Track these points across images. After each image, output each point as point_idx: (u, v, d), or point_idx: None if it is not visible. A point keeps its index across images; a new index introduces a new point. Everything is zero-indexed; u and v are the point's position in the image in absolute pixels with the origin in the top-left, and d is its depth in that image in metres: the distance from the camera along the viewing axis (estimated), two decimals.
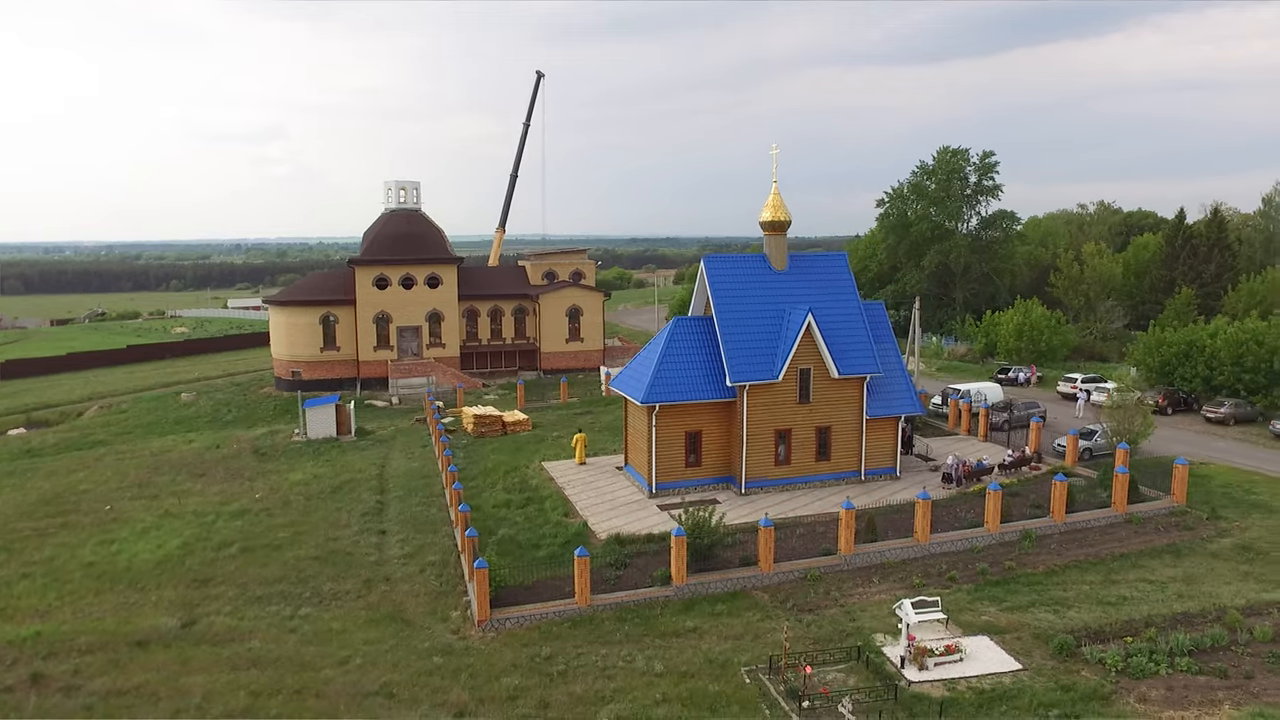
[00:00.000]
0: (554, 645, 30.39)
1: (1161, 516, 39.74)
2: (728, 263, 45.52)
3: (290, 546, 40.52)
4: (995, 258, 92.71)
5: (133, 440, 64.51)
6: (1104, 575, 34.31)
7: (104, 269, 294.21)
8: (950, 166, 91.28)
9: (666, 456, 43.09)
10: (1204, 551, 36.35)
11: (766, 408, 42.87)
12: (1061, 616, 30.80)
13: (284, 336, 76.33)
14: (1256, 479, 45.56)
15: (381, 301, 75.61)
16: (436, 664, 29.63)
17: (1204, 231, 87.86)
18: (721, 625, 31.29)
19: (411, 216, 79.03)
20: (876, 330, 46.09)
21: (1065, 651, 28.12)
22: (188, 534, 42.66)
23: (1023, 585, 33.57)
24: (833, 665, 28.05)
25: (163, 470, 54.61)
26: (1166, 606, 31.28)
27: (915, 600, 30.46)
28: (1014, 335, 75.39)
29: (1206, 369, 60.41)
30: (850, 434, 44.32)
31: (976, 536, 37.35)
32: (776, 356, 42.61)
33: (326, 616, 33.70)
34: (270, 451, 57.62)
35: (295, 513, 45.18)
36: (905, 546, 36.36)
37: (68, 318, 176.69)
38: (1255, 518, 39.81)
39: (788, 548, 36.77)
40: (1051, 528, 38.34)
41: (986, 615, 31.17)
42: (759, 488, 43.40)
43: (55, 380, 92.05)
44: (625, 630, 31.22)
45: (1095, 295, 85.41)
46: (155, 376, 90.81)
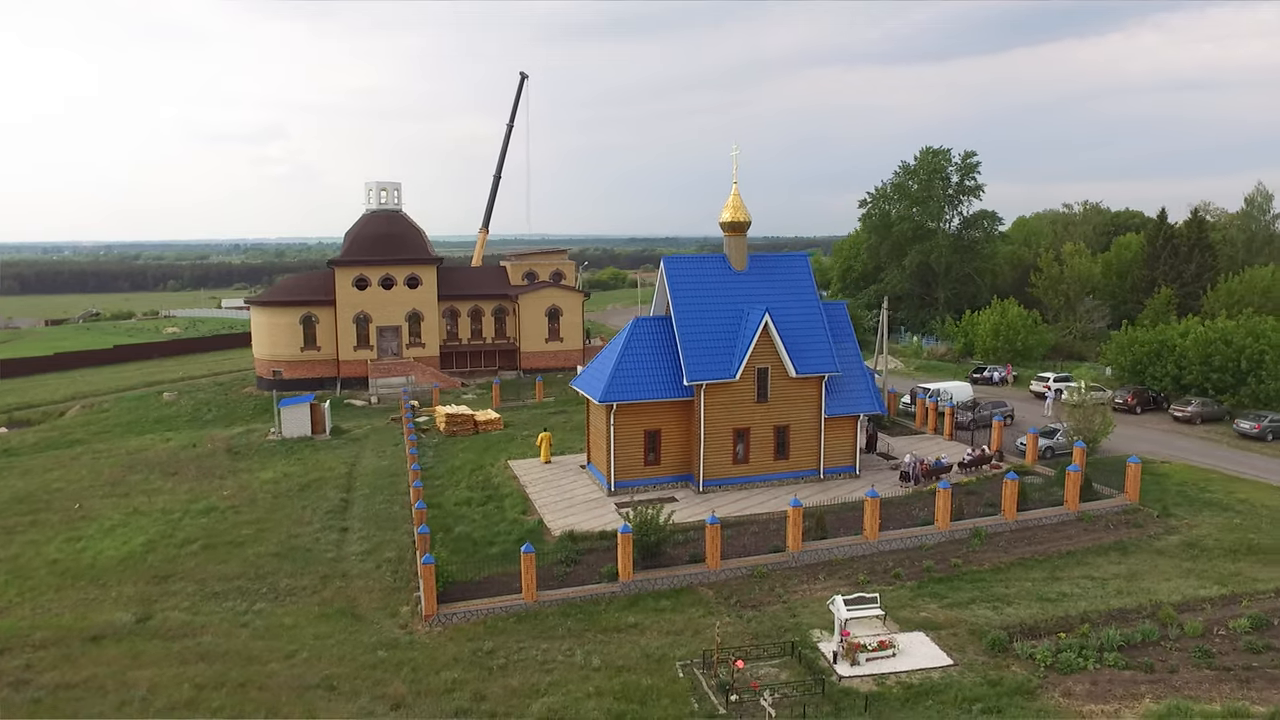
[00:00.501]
0: (498, 640, 30.85)
1: (1113, 514, 40.11)
2: (687, 263, 45.99)
3: (252, 543, 40.99)
4: (978, 257, 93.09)
5: (111, 439, 65.04)
6: (1049, 572, 34.70)
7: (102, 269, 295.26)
8: (932, 166, 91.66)
9: (625, 455, 43.53)
10: (1150, 549, 36.72)
11: (724, 406, 43.29)
12: (1000, 613, 31.19)
13: (265, 336, 76.87)
14: (1213, 477, 45.91)
15: (361, 302, 76.12)
16: (380, 658, 30.11)
17: (1185, 232, 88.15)
18: (664, 621, 31.71)
19: (392, 217, 79.52)
20: (837, 330, 46.49)
21: (997, 647, 28.51)
22: (153, 531, 43.14)
23: (966, 582, 33.96)
24: (767, 660, 28.47)
25: (137, 469, 55.11)
26: (1104, 603, 31.66)
27: (853, 597, 30.90)
28: (991, 335, 75.74)
29: (1176, 368, 60.75)
30: (809, 433, 44.72)
31: (926, 534, 37.75)
32: (734, 356, 43.03)
33: (279, 612, 34.18)
34: (244, 450, 58.12)
35: (261, 510, 45.66)
36: (854, 544, 36.76)
37: (62, 318, 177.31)
38: (1205, 515, 40.17)
39: (739, 545, 37.23)
40: (1002, 526, 38.72)
41: (926, 612, 31.57)
42: (717, 486, 43.82)
43: (41, 380, 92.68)
44: (568, 625, 31.66)
45: (1075, 295, 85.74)
46: (140, 376, 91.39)
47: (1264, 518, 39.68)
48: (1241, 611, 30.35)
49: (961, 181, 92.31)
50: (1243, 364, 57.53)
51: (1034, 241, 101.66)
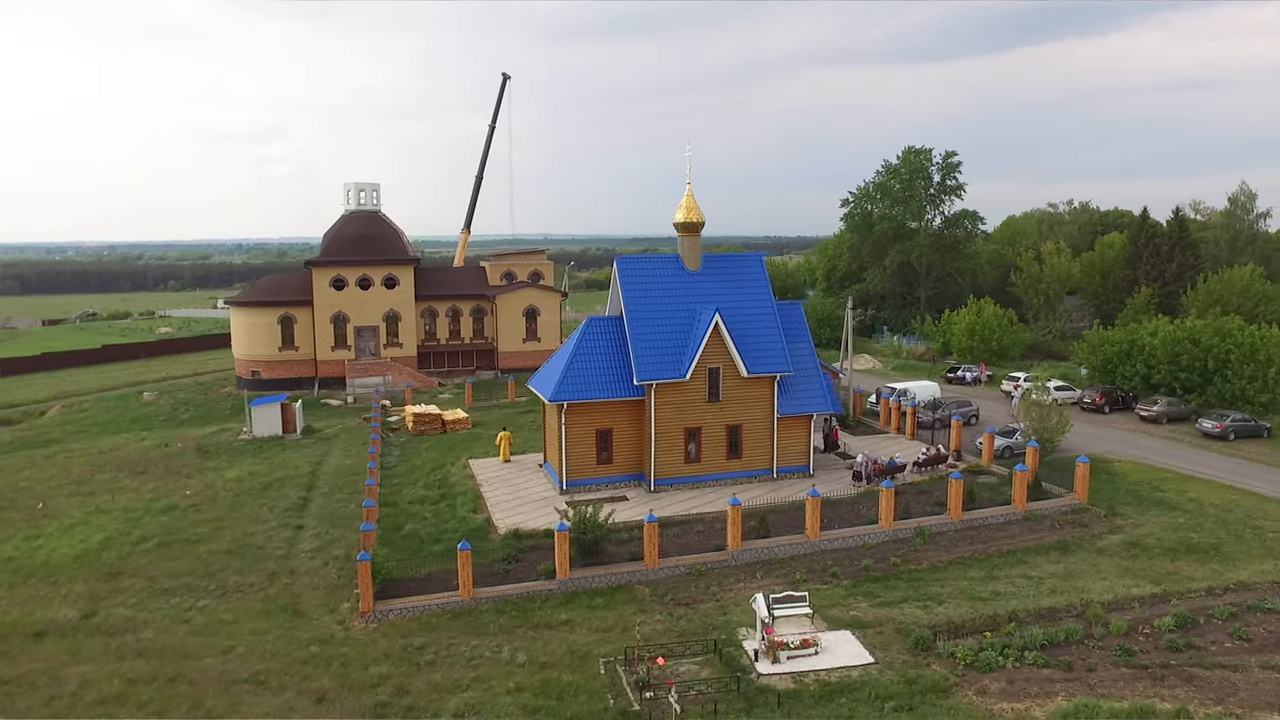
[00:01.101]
0: (430, 636, 31.15)
1: (1060, 514, 40.19)
2: (639, 263, 46.26)
3: (207, 541, 41.37)
4: (959, 257, 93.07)
5: (87, 439, 65.53)
6: (986, 571, 34.82)
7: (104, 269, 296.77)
8: (913, 166, 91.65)
9: (577, 454, 43.79)
10: (1091, 548, 36.79)
11: (675, 406, 43.50)
12: (929, 612, 31.35)
13: (244, 336, 77.35)
14: (1168, 476, 45.94)
15: (338, 302, 76.53)
16: (313, 653, 30.46)
17: (1166, 231, 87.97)
18: (595, 618, 31.97)
19: (370, 218, 79.93)
20: (791, 330, 46.66)
21: (921, 646, 28.68)
22: (112, 529, 43.54)
23: (902, 581, 34.11)
24: (690, 658, 28.71)
25: (106, 468, 55.55)
26: (1035, 602, 31.80)
27: (782, 595, 31.09)
28: (966, 334, 75.75)
29: (1145, 367, 60.71)
30: (762, 432, 44.91)
31: (870, 534, 37.90)
32: (685, 356, 43.22)
33: (223, 608, 34.55)
34: (214, 449, 58.54)
35: (221, 509, 46.05)
36: (796, 543, 36.94)
37: (60, 318, 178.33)
38: (1152, 514, 40.22)
39: (682, 544, 37.47)
40: (948, 525, 38.85)
41: (856, 610, 31.74)
42: (669, 485, 44.04)
43: (27, 380, 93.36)
44: (501, 622, 31.94)
45: (1054, 294, 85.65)
46: (125, 376, 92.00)
47: (1209, 516, 39.73)
48: (1169, 610, 30.47)
49: (943, 181, 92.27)
50: (1209, 363, 57.48)
51: (1018, 241, 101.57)
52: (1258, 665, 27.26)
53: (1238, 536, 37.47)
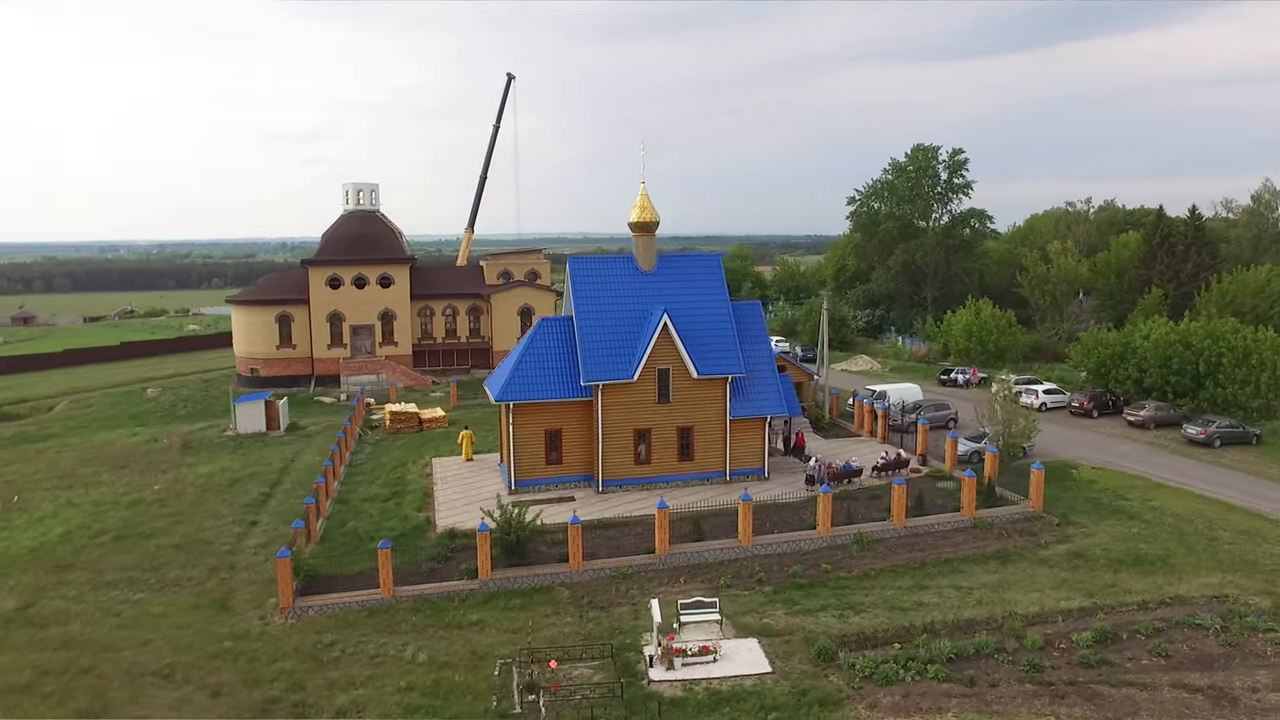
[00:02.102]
0: (342, 634, 31.28)
1: (1010, 522, 39.03)
2: (592, 263, 46.05)
3: (160, 535, 42.06)
4: (967, 256, 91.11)
5: (85, 433, 67.20)
6: (916, 580, 33.92)
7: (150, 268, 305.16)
8: (920, 164, 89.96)
9: (527, 454, 43.70)
10: (1033, 558, 35.66)
11: (624, 407, 43.16)
12: (844, 621, 30.61)
13: (244, 335, 78.79)
14: (1137, 484, 44.39)
15: (334, 301, 77.50)
16: (225, 648, 30.80)
17: (1182, 230, 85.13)
18: (507, 619, 31.81)
19: (367, 218, 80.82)
20: (749, 331, 46.04)
21: (823, 656, 28.02)
22: (75, 523, 44.49)
23: (827, 589, 33.38)
24: (586, 661, 28.42)
25: (91, 462, 56.86)
26: (956, 613, 30.87)
27: (691, 601, 30.67)
28: (964, 335, 74.10)
29: (1138, 371, 58.82)
30: (714, 434, 44.34)
31: (806, 539, 37.19)
32: (634, 356, 42.86)
33: (156, 602, 35.05)
34: (198, 445, 59.63)
35: (184, 504, 46.80)
36: (727, 547, 36.40)
37: (100, 315, 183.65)
38: (1108, 523, 38.87)
39: (616, 545, 37.18)
40: (890, 531, 37.95)
41: (770, 618, 31.12)
42: (618, 486, 43.71)
43: (47, 375, 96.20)
44: (415, 621, 31.97)
45: (1061, 295, 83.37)
46: (138, 372, 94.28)
47: (1166, 526, 38.28)
48: (1092, 625, 29.38)
49: (950, 179, 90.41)
50: (1200, 367, 55.49)
51: (1032, 240, 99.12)
52: (1169, 684, 26.13)
53: (1189, 548, 36.04)
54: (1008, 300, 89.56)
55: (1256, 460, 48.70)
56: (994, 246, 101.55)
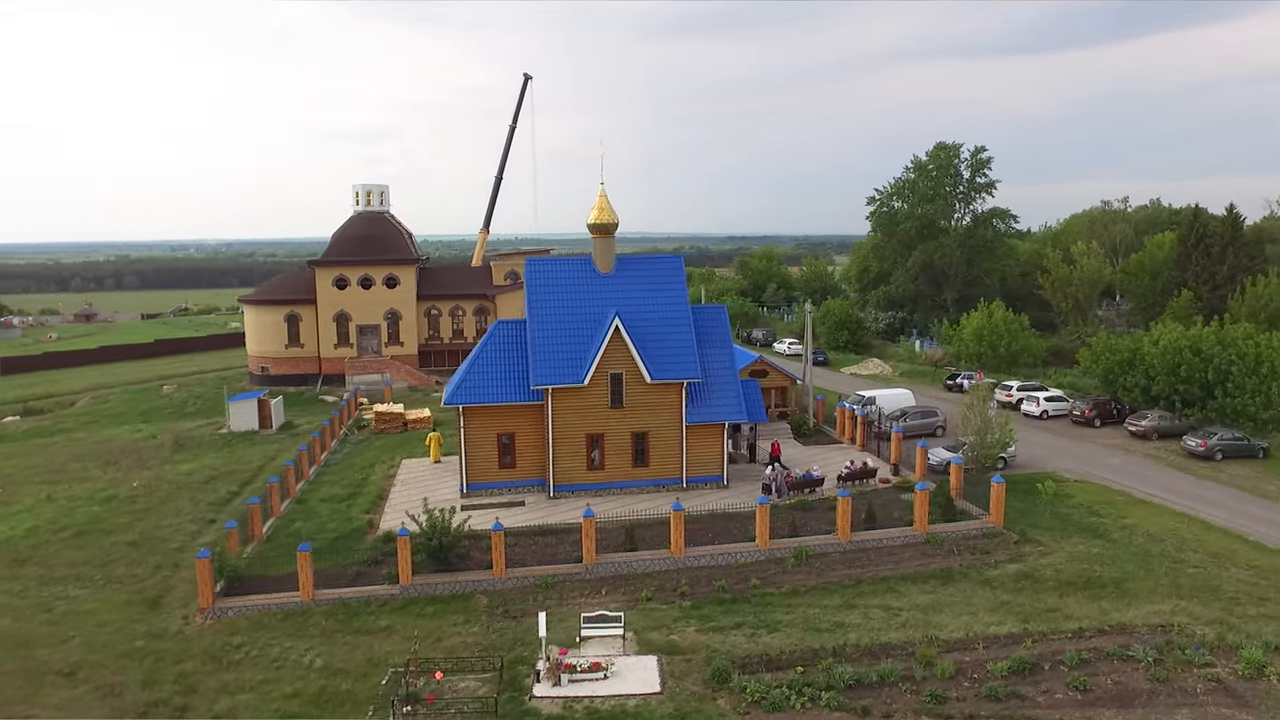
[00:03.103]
0: (253, 636, 31.18)
1: (965, 538, 37.13)
2: (548, 265, 45.30)
3: (120, 532, 42.68)
4: (990, 257, 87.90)
5: (95, 429, 69.12)
6: (847, 599, 32.41)
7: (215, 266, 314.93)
8: (941, 163, 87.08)
9: (478, 457, 43.27)
10: (977, 578, 33.79)
11: (575, 411, 42.38)
12: (754, 641, 29.34)
13: (254, 334, 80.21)
14: (1117, 500, 41.95)
15: (341, 301, 78.36)
16: (137, 647, 30.98)
17: (1219, 229, 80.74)
18: (417, 626, 31.27)
19: (375, 219, 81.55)
20: (711, 335, 44.88)
21: (718, 678, 26.80)
22: (47, 517, 45.51)
23: (749, 605, 32.07)
24: (475, 673, 27.78)
25: (85, 458, 58.30)
26: (875, 636, 29.33)
27: (595, 614, 29.91)
28: (974, 339, 71.39)
29: (1145, 378, 55.81)
30: (670, 440, 43.26)
31: (743, 552, 35.91)
32: (586, 360, 42.07)
33: (91, 599, 35.45)
34: (190, 443, 60.71)
35: (155, 500, 47.51)
36: (658, 558, 35.35)
37: (157, 312, 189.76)
38: (1071, 542, 36.69)
39: (551, 553, 36.46)
40: (834, 546, 36.43)
41: (680, 634, 29.99)
42: (570, 492, 42.96)
43: (81, 371, 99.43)
44: (326, 625, 31.70)
45: (1085, 297, 79.75)
46: (162, 370, 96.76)
47: (1131, 547, 35.97)
48: (1015, 653, 27.60)
49: (973, 178, 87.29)
50: (1210, 375, 52.34)
51: (1065, 241, 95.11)
52: None
53: (1149, 571, 33.76)
54: (1032, 303, 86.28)
55: (1258, 475, 45.63)
56: (1026, 248, 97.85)
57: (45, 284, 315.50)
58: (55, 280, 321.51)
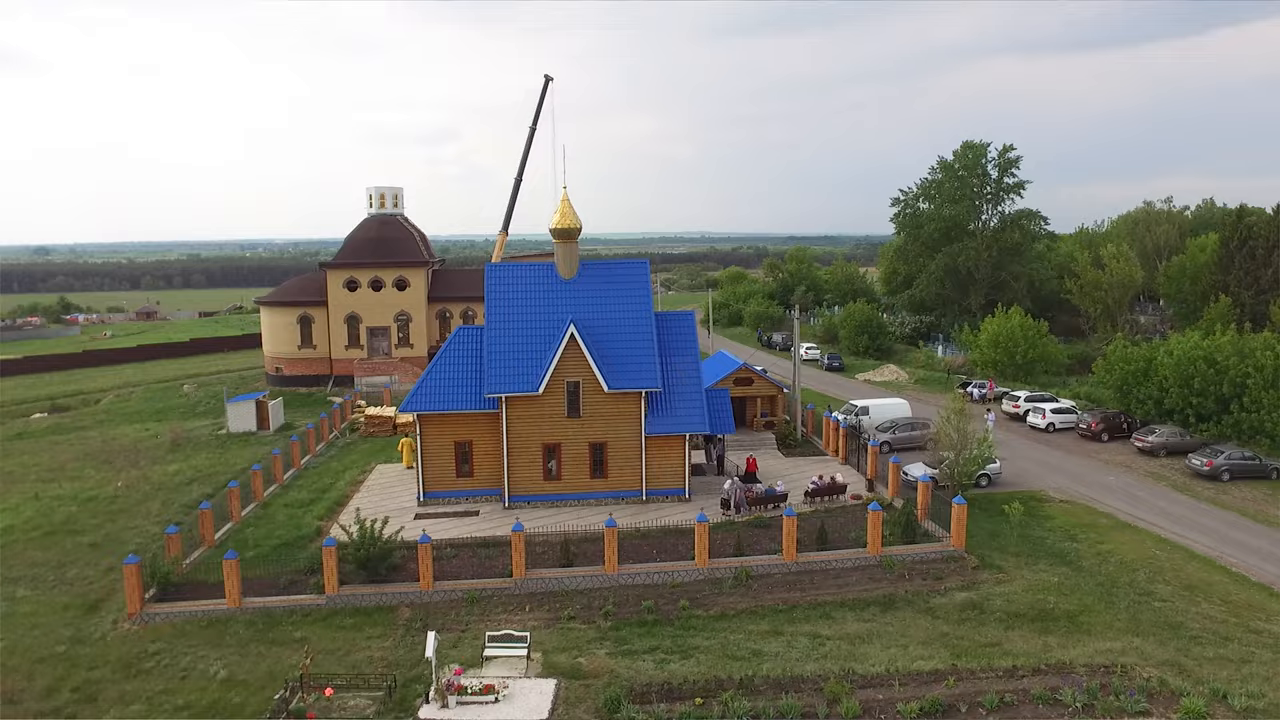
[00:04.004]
0: (173, 643, 30.94)
1: (922, 562, 35.13)
2: (508, 270, 44.39)
3: (87, 533, 43.18)
4: (1019, 260, 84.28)
5: (107, 427, 70.81)
6: (776, 625, 30.79)
7: (278, 265, 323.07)
8: (968, 162, 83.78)
9: (435, 465, 42.65)
10: (921, 606, 31.83)
11: (531, 420, 41.47)
12: (662, 668, 27.98)
13: (270, 334, 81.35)
14: (1102, 523, 39.33)
15: (351, 303, 78.95)
16: (58, 652, 31.00)
17: (1264, 230, 75.98)
18: (332, 638, 30.73)
19: (387, 221, 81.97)
20: (675, 342, 43.54)
21: (609, 706, 25.56)
22: (25, 516, 46.33)
23: (672, 628, 30.72)
24: (366, 691, 27.06)
25: (86, 457, 59.54)
26: (790, 667, 27.73)
27: (500, 634, 29.00)
28: (989, 345, 68.34)
29: (1159, 391, 52.55)
30: (629, 452, 42.02)
31: (681, 571, 34.51)
32: (542, 368, 41.12)
33: (34, 600, 35.63)
34: (187, 443, 61.58)
35: (130, 501, 48.03)
36: (592, 575, 34.17)
37: (213, 310, 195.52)
38: (1035, 569, 34.40)
39: (489, 566, 35.57)
40: (779, 567, 34.77)
41: (588, 657, 28.78)
42: (525, 502, 42.08)
43: (117, 369, 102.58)
44: (244, 635, 31.34)
45: (1115, 303, 75.77)
46: (189, 368, 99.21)
47: (1099, 577, 33.53)
48: (930, 693, 25.77)
49: (1000, 178, 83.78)
50: (1224, 388, 48.95)
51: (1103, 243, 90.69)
52: None
53: (1110, 603, 31.37)
54: (1065, 308, 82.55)
55: (1265, 499, 42.37)
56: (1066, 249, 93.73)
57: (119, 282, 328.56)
58: (128, 278, 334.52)
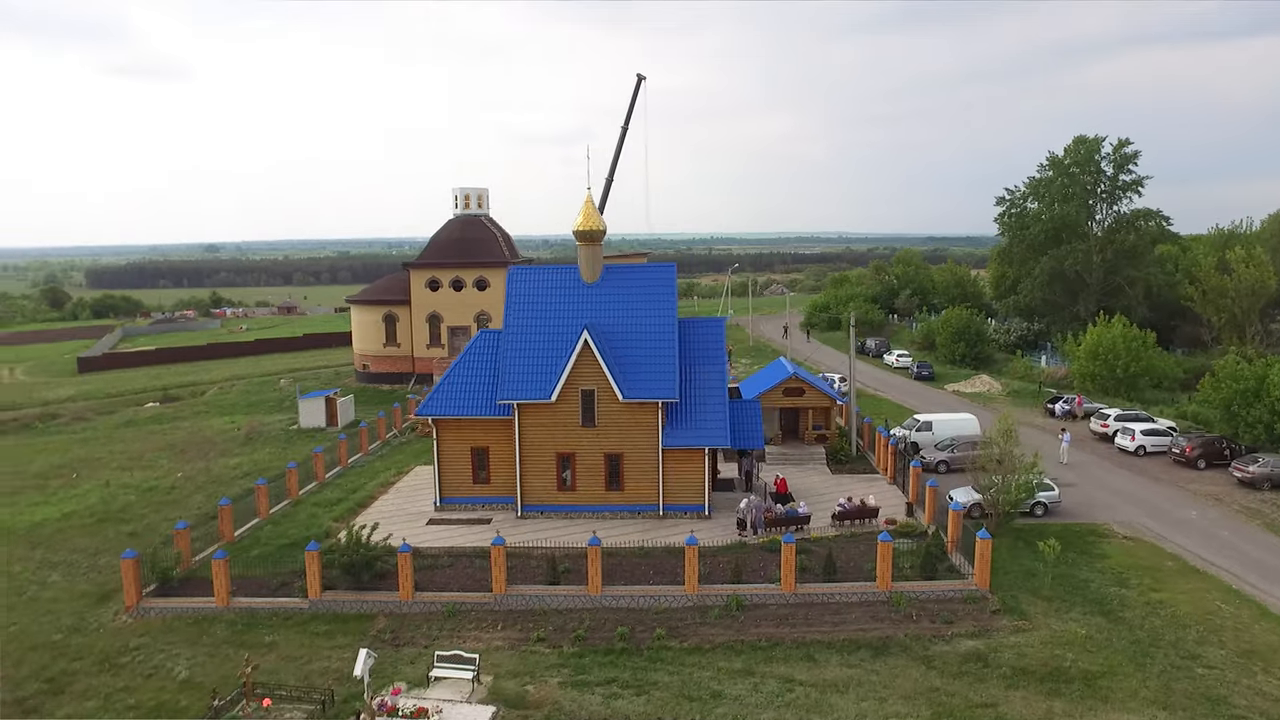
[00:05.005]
0: (155, 639, 31.53)
1: (936, 601, 31.69)
2: (530, 274, 43.22)
3: (131, 522, 44.99)
4: (1135, 264, 76.58)
5: (200, 419, 74.40)
6: (749, 664, 28.28)
7: None
8: (1080, 159, 76.81)
9: (452, 471, 42.08)
10: (917, 653, 28.56)
11: (545, 429, 40.24)
12: (609, 704, 26.14)
13: (358, 332, 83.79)
14: (1166, 567, 34.50)
15: (433, 302, 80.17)
16: (54, 641, 32.10)
17: None
18: (298, 643, 30.58)
19: (471, 222, 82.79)
20: (701, 351, 41.37)
21: None
22: (88, 503, 48.80)
23: (638, 659, 28.76)
24: (303, 704, 26.49)
25: (168, 447, 62.47)
26: (740, 714, 25.35)
27: (449, 654, 27.86)
28: (1088, 357, 62.20)
29: (1270, 414, 46.19)
30: (646, 464, 40.14)
31: (668, 595, 32.42)
32: (556, 375, 39.82)
33: (60, 587, 37.23)
34: (259, 437, 63.84)
35: (183, 493, 49.92)
36: (574, 595, 32.59)
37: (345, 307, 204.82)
38: (1066, 618, 30.36)
39: (481, 578, 34.48)
40: (776, 598, 32.16)
41: (537, 686, 27.26)
42: (538, 512, 40.90)
43: (235, 362, 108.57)
44: (222, 635, 31.55)
45: (1244, 312, 67.54)
46: (297, 363, 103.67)
47: (1140, 633, 29.20)
48: None
49: (1116, 175, 76.35)
50: None
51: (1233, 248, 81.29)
52: None
53: (1142, 666, 27.19)
54: (1187, 317, 74.58)
55: None
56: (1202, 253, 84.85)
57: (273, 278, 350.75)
58: (281, 274, 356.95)
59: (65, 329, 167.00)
